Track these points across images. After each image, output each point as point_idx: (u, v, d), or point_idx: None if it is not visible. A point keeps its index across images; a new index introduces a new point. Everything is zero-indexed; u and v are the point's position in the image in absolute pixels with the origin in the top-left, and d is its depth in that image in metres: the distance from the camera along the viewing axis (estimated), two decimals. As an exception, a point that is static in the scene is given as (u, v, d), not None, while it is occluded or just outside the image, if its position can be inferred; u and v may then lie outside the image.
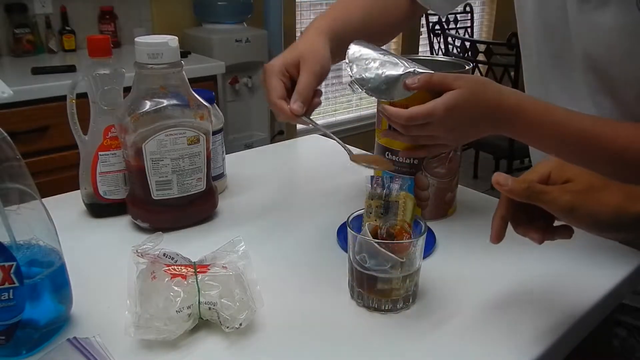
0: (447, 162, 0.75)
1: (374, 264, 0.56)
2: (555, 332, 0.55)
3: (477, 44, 2.79)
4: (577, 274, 0.66)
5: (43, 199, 0.52)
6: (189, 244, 0.70)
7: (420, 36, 3.55)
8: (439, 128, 0.64)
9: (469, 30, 3.65)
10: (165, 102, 0.69)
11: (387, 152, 0.76)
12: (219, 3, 2.35)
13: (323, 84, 0.70)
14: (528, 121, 0.64)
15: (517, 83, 2.61)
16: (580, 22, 0.67)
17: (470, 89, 0.62)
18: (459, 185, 0.81)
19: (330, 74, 3.43)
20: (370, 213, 0.58)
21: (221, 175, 0.86)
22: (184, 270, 0.55)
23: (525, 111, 0.64)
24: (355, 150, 0.64)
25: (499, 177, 0.50)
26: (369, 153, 0.63)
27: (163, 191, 0.72)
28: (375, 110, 0.78)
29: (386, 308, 0.58)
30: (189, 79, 0.72)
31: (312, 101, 0.66)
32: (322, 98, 0.68)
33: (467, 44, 2.81)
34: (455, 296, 0.61)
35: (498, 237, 0.53)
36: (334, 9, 0.80)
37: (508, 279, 0.65)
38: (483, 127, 0.66)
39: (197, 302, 0.52)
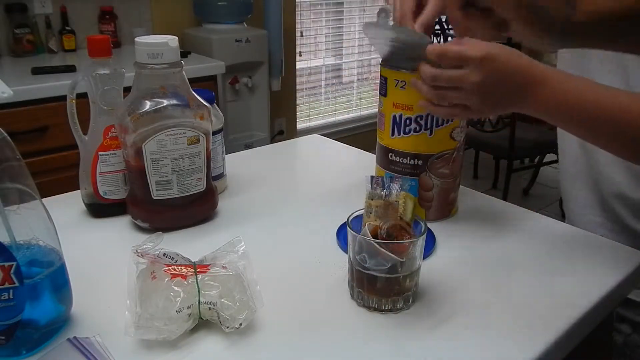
0: (450, 162, 0.75)
1: (374, 264, 0.56)
2: (555, 331, 0.55)
3: (477, 44, 2.78)
4: (577, 274, 0.66)
5: (43, 199, 0.52)
6: (189, 244, 0.70)
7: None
8: (470, 79, 0.61)
9: (469, 30, 3.64)
10: (165, 102, 0.69)
11: (391, 154, 0.76)
12: (219, 3, 2.36)
13: (322, 83, 0.70)
14: (553, 89, 0.62)
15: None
16: None
17: (503, 48, 0.62)
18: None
19: (330, 74, 3.44)
20: (370, 213, 0.58)
21: (221, 175, 0.86)
22: (184, 270, 0.55)
23: (551, 79, 0.62)
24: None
25: None
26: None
27: (163, 191, 0.72)
28: (377, 110, 0.78)
29: (386, 308, 0.58)
30: (189, 79, 0.72)
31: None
32: (323, 97, 0.69)
33: (467, 44, 2.81)
34: (455, 296, 0.61)
35: None
36: None
37: (508, 278, 0.65)
38: (510, 92, 0.63)
39: (197, 302, 0.52)
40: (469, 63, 0.61)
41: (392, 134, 0.75)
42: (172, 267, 0.55)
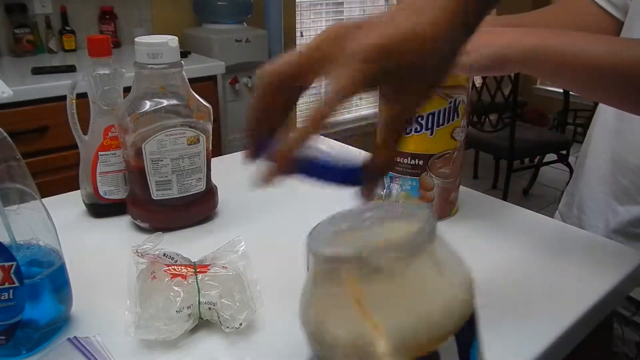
0: (451, 162, 0.75)
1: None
2: (554, 331, 0.55)
3: (477, 44, 2.78)
4: (577, 274, 0.66)
5: (43, 199, 0.52)
6: (189, 244, 0.70)
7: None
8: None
9: (469, 30, 3.64)
10: (165, 102, 0.69)
11: None
12: (219, 3, 2.36)
13: (322, 83, 0.68)
14: None
15: (517, 81, 2.61)
16: None
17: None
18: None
19: (330, 74, 3.46)
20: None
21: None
22: (184, 270, 0.55)
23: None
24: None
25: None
26: None
27: (163, 191, 0.72)
28: (378, 109, 0.78)
29: (386, 308, 0.58)
30: (189, 79, 0.72)
31: None
32: (323, 97, 0.66)
33: (467, 43, 2.81)
34: (455, 296, 0.61)
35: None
36: None
37: (507, 278, 0.65)
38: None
39: (197, 302, 0.52)
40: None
41: None
42: (172, 267, 0.55)
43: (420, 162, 0.74)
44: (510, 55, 0.61)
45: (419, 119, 0.72)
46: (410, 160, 0.75)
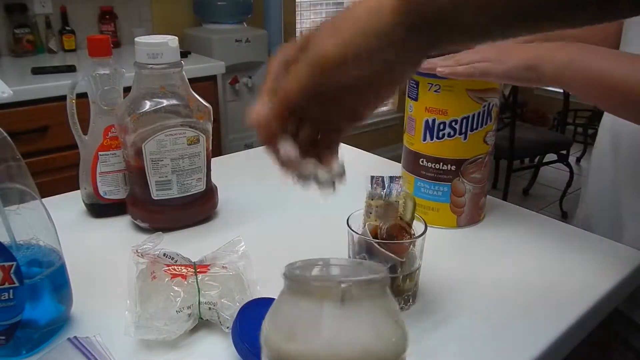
0: (482, 166, 0.74)
1: (374, 264, 0.55)
2: (554, 331, 0.55)
3: (477, 44, 2.78)
4: (577, 274, 0.66)
5: (43, 199, 0.52)
6: (189, 244, 0.70)
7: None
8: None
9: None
10: (165, 102, 0.69)
11: (422, 159, 0.74)
12: (219, 3, 2.36)
13: None
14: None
15: (517, 83, 2.60)
16: None
17: None
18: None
19: (330, 74, 3.45)
20: (370, 213, 0.58)
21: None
22: (184, 270, 0.55)
23: None
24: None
25: None
26: None
27: (163, 191, 0.72)
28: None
29: (386, 308, 0.58)
30: (189, 79, 0.72)
31: None
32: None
33: (467, 43, 2.81)
34: (455, 296, 0.61)
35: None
36: None
37: (507, 279, 0.65)
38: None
39: (197, 302, 0.52)
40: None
41: (424, 139, 0.72)
42: (172, 267, 0.55)
43: (453, 168, 0.73)
44: (543, 69, 0.61)
45: (453, 124, 0.70)
46: (442, 166, 0.73)
